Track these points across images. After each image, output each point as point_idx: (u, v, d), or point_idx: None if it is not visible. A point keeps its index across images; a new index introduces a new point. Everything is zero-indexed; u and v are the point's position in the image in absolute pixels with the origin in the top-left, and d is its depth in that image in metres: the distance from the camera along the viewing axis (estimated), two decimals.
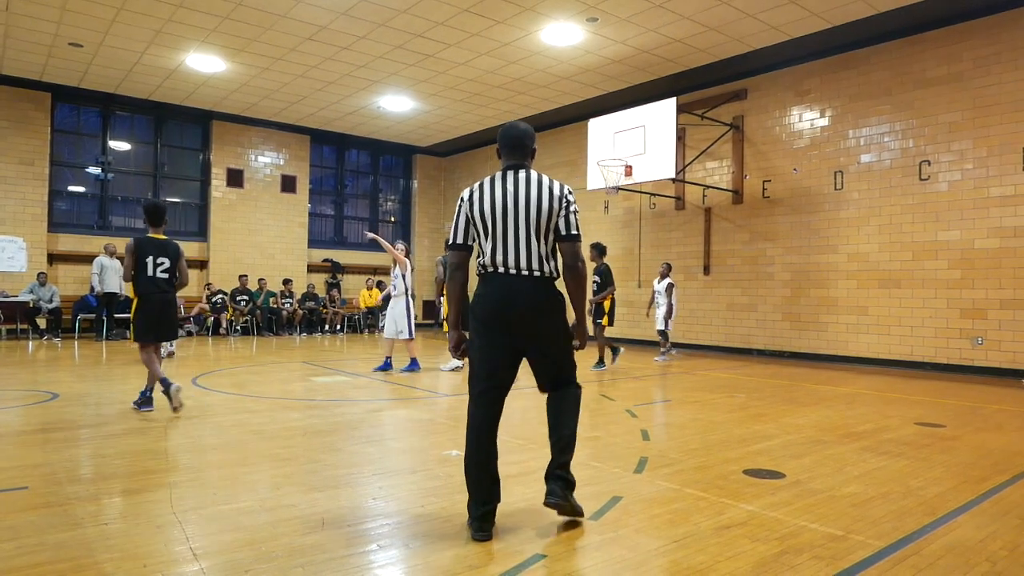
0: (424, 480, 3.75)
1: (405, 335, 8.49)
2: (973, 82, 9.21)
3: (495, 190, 2.97)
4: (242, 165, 15.67)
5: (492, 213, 2.95)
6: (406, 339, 8.53)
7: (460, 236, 3.02)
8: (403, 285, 8.51)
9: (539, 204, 2.92)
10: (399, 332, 8.50)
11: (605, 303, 9.35)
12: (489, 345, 2.98)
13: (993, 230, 9.02)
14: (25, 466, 3.92)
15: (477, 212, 2.98)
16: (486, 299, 2.97)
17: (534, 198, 2.93)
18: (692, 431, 5.23)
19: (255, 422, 5.33)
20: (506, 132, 3.11)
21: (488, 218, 2.95)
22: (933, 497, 3.56)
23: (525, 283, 2.93)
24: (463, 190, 3.08)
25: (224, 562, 2.56)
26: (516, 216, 2.92)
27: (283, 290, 15.45)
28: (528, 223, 2.92)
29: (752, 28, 9.83)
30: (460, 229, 3.02)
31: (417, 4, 9.25)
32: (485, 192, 2.98)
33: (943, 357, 9.44)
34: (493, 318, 2.95)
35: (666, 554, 2.73)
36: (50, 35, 10.57)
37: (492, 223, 2.94)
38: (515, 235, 2.92)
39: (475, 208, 2.98)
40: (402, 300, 8.50)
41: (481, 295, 2.99)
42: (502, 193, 2.95)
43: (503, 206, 2.94)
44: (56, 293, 12.99)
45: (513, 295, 2.92)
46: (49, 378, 7.68)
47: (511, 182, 2.97)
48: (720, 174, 12.23)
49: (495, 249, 2.95)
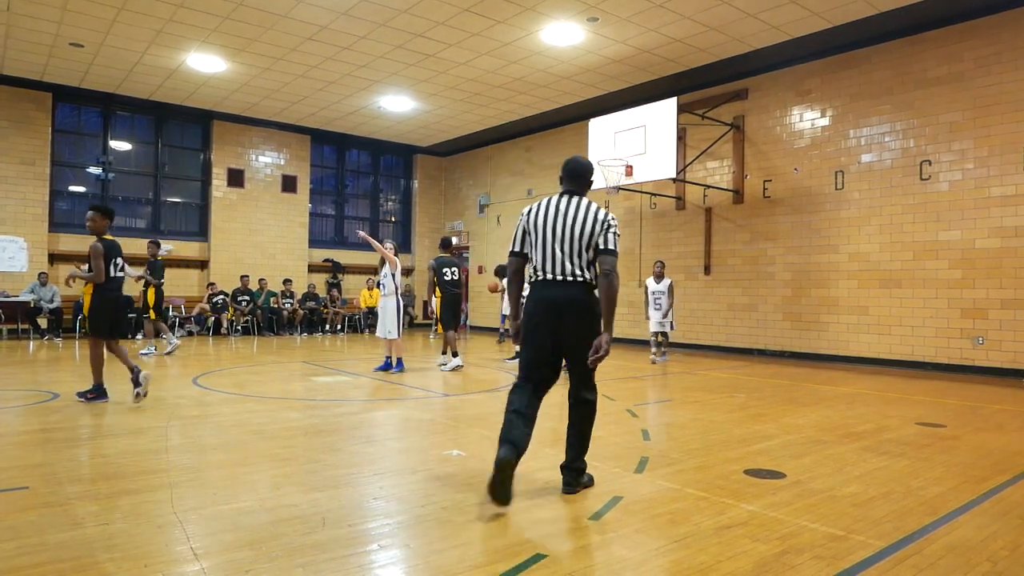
0: (425, 480, 3.75)
1: (393, 334, 8.46)
2: (974, 82, 9.21)
3: (550, 210, 3.51)
4: (243, 165, 15.68)
5: (544, 228, 3.49)
6: (392, 339, 8.49)
7: (518, 245, 3.61)
8: (392, 284, 8.50)
9: (583, 225, 3.43)
10: (387, 331, 8.48)
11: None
12: (532, 343, 3.50)
13: (994, 230, 9.02)
14: (26, 466, 3.92)
15: (532, 226, 3.54)
16: (537, 303, 3.48)
17: (580, 219, 3.44)
18: (693, 431, 5.22)
19: (256, 422, 5.33)
20: (571, 164, 3.69)
21: (540, 232, 3.49)
22: (934, 497, 3.56)
23: (569, 288, 3.43)
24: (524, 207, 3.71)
25: (225, 562, 2.56)
26: (563, 233, 3.44)
27: (284, 290, 15.45)
28: (572, 239, 3.43)
29: (753, 28, 9.83)
30: (518, 239, 3.61)
31: (418, 4, 9.25)
32: (542, 210, 3.53)
33: (944, 357, 9.44)
34: (540, 317, 3.46)
35: (667, 554, 2.73)
36: (51, 35, 10.58)
37: (544, 237, 3.48)
38: (562, 248, 3.44)
39: (531, 222, 3.54)
40: (392, 299, 8.49)
41: (532, 297, 3.51)
42: (554, 213, 3.49)
43: (554, 224, 3.47)
44: (57, 293, 13.00)
45: (560, 297, 3.43)
46: (50, 378, 7.69)
47: (564, 204, 3.51)
48: (721, 174, 12.23)
49: (545, 259, 3.47)
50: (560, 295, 3.43)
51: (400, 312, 8.49)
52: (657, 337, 10.31)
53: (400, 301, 8.54)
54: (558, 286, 3.44)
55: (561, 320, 3.42)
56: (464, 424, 5.44)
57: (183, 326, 14.19)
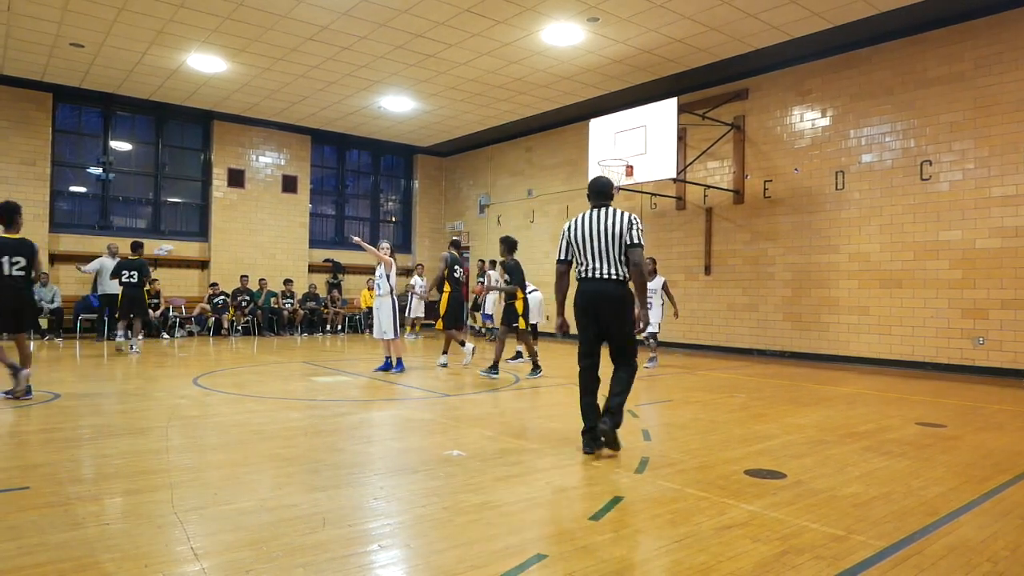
0: (425, 480, 3.75)
1: (389, 335, 8.45)
2: (974, 82, 9.21)
3: (587, 221, 4.34)
4: (243, 165, 15.68)
5: (584, 237, 4.31)
6: (390, 339, 8.48)
7: (563, 254, 4.46)
8: (387, 285, 8.49)
9: (614, 227, 4.25)
10: (383, 332, 8.46)
11: (517, 304, 8.47)
12: (584, 328, 4.39)
13: (994, 230, 9.02)
14: (27, 466, 3.92)
15: (574, 237, 4.36)
16: (582, 296, 4.35)
17: (611, 224, 4.26)
18: (693, 431, 5.22)
19: (256, 422, 5.33)
20: (595, 184, 4.50)
21: (581, 241, 4.32)
22: (934, 497, 3.56)
23: (608, 284, 4.27)
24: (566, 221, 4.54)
25: (225, 562, 2.56)
26: (600, 238, 4.26)
27: (284, 290, 15.45)
28: (607, 242, 4.24)
29: (753, 28, 9.83)
30: (563, 249, 4.45)
31: (418, 4, 9.25)
32: (581, 223, 4.36)
33: (944, 357, 9.43)
34: (587, 308, 4.33)
35: (667, 554, 2.73)
36: (51, 35, 10.59)
37: (584, 244, 4.31)
38: (601, 251, 4.26)
39: (574, 234, 4.36)
40: (388, 300, 8.47)
41: (579, 292, 4.37)
42: (590, 223, 4.32)
43: (591, 232, 4.29)
44: (58, 293, 13.00)
45: (599, 292, 4.28)
46: (51, 378, 7.69)
47: (596, 214, 4.33)
48: (721, 174, 12.23)
49: (587, 262, 4.32)
50: (599, 290, 4.27)
51: (396, 312, 8.48)
52: (649, 340, 9.58)
53: (396, 301, 8.53)
54: (598, 283, 4.28)
55: (600, 310, 4.28)
56: (464, 424, 5.44)
57: (183, 326, 14.20)
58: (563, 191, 15.16)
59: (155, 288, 13.90)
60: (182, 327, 14.15)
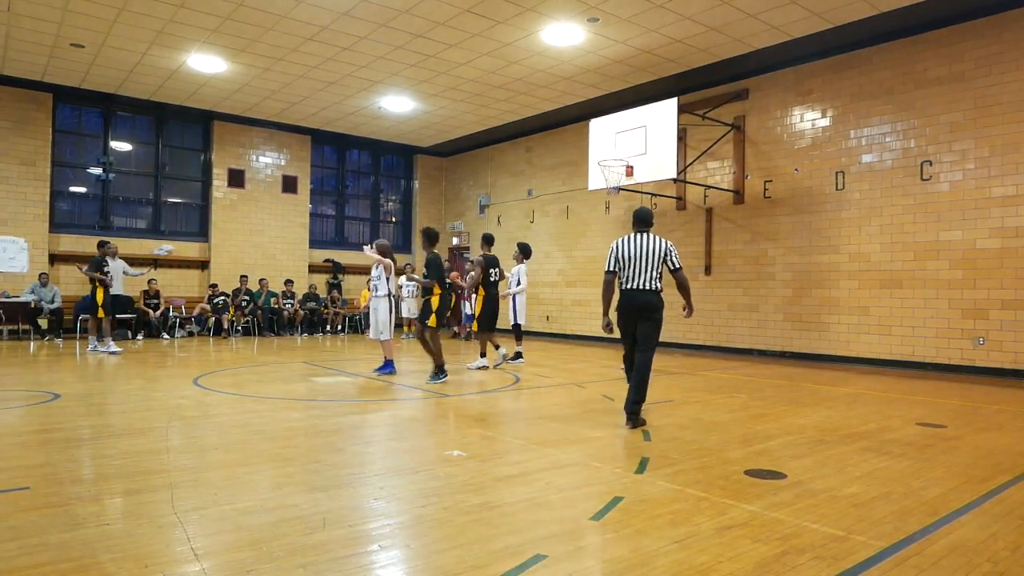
0: (426, 480, 3.75)
1: (385, 336, 8.44)
2: (975, 82, 9.21)
3: (633, 243, 5.43)
4: (243, 165, 15.68)
5: (630, 255, 5.40)
6: (384, 340, 8.46)
7: (610, 266, 5.49)
8: (386, 287, 8.50)
9: (656, 251, 5.37)
10: (380, 333, 8.45)
11: (433, 300, 7.86)
12: (625, 326, 5.53)
13: (995, 230, 9.01)
14: (27, 466, 3.92)
15: (621, 254, 5.44)
16: (624, 303, 5.47)
17: (653, 248, 5.38)
18: (693, 431, 5.22)
19: (256, 422, 5.33)
20: (640, 213, 5.63)
21: (627, 258, 5.41)
22: (935, 497, 3.56)
23: (645, 294, 5.36)
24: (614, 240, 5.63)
25: (226, 562, 2.56)
26: (643, 258, 5.36)
27: (284, 290, 15.46)
28: (649, 262, 5.36)
29: (753, 28, 9.83)
30: (610, 263, 5.49)
31: (418, 4, 9.25)
32: (629, 243, 5.45)
33: (944, 357, 9.43)
34: (627, 312, 5.45)
35: (667, 554, 2.73)
36: (51, 36, 10.59)
37: (629, 261, 5.39)
38: (641, 268, 5.36)
39: (621, 252, 5.44)
40: (384, 302, 8.47)
41: (621, 300, 5.50)
42: (636, 245, 5.42)
43: (636, 252, 5.39)
44: (58, 293, 13.00)
45: (637, 300, 5.38)
46: (51, 378, 7.69)
47: (641, 239, 5.44)
48: (721, 174, 12.23)
49: (630, 275, 5.40)
50: (639, 299, 5.37)
51: (392, 314, 8.48)
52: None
53: (392, 303, 8.53)
54: (639, 293, 5.37)
55: (639, 314, 5.39)
56: (465, 424, 5.44)
57: (183, 327, 14.20)
58: (563, 191, 15.16)
59: (155, 288, 13.92)
60: (182, 327, 14.16)
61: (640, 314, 5.35)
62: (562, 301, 15.27)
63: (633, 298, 5.37)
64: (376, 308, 8.50)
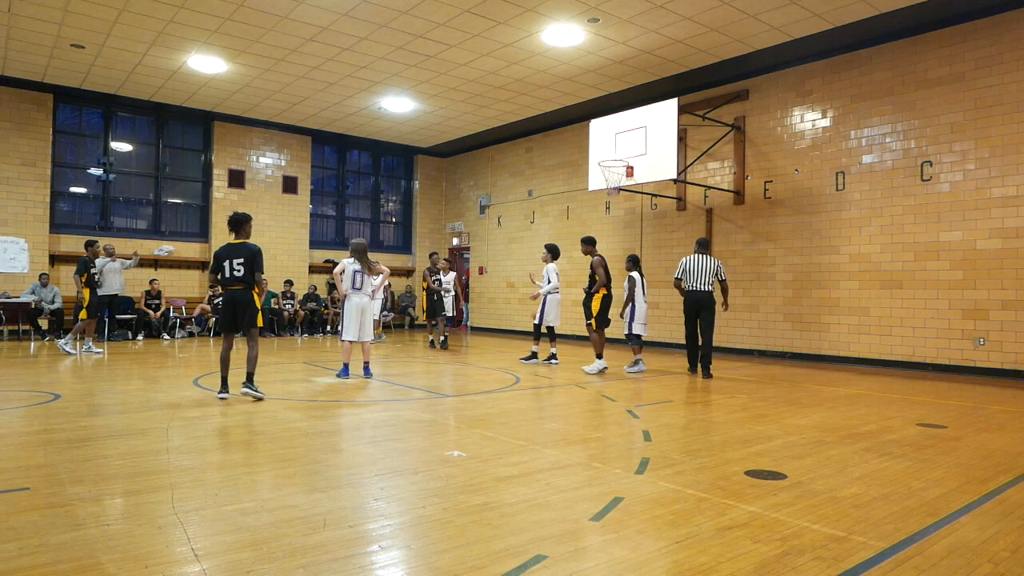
0: (426, 481, 3.75)
1: (370, 337, 8.43)
2: (975, 82, 9.21)
3: (695, 261, 8.68)
4: (243, 166, 15.69)
5: (694, 268, 8.67)
6: (366, 341, 8.41)
7: (680, 275, 8.80)
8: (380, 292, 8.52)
9: (710, 268, 8.66)
10: (365, 335, 8.40)
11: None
12: (689, 314, 8.85)
13: (995, 231, 9.01)
14: (27, 467, 3.92)
15: (688, 268, 8.70)
16: (689, 300, 8.75)
17: (710, 265, 8.67)
18: (694, 432, 5.22)
19: (256, 423, 5.33)
20: (701, 240, 8.94)
21: (692, 270, 8.67)
22: (935, 498, 3.56)
23: (703, 294, 8.64)
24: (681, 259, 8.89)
25: (226, 563, 2.56)
26: (702, 270, 8.64)
27: (284, 291, 15.46)
28: (706, 273, 8.64)
29: (754, 29, 9.83)
30: (679, 273, 8.80)
31: (418, 5, 9.26)
32: (693, 261, 8.70)
33: (945, 358, 9.43)
34: (691, 307, 8.75)
35: (668, 555, 2.73)
36: (52, 36, 10.59)
37: (693, 271, 8.66)
38: (701, 276, 8.64)
39: (688, 266, 8.70)
40: (377, 303, 8.51)
41: (687, 299, 8.76)
42: (697, 262, 8.68)
43: (698, 266, 8.66)
44: (58, 294, 13.00)
45: (699, 298, 8.65)
46: (51, 379, 7.69)
47: (702, 257, 8.71)
48: (721, 175, 12.23)
49: (693, 281, 8.65)
50: (700, 297, 8.61)
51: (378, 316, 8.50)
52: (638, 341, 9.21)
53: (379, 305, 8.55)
54: (699, 294, 8.61)
55: (700, 307, 8.63)
56: (465, 425, 5.44)
57: (184, 327, 14.20)
58: (563, 191, 15.16)
59: (156, 288, 13.92)
60: (182, 328, 14.15)
61: (701, 306, 8.59)
62: (562, 302, 15.21)
63: (695, 296, 8.63)
64: (367, 309, 8.47)
